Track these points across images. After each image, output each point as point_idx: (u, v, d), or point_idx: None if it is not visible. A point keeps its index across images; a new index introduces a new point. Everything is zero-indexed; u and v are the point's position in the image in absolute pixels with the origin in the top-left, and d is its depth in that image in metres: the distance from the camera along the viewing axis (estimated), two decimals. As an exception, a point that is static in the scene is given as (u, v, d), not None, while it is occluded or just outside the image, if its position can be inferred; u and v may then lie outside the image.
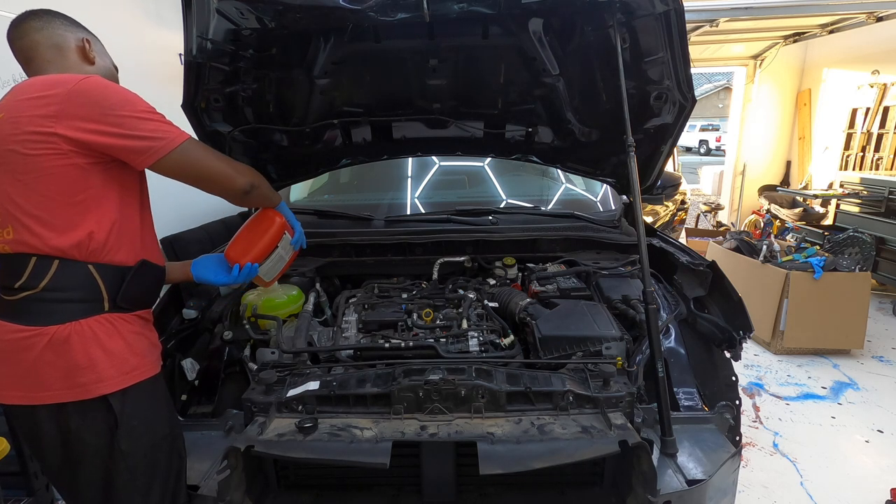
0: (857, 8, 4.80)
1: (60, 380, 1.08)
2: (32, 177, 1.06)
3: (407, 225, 2.31)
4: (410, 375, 1.36)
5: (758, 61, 6.91)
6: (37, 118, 1.05)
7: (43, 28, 1.21)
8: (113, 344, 1.13)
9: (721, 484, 1.31)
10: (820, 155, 6.63)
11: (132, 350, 1.17)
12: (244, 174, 1.32)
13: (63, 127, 1.05)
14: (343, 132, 2.21)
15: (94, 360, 1.10)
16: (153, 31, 4.07)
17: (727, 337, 1.61)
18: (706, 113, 23.87)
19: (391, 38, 1.82)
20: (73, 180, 1.08)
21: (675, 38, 1.64)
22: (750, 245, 3.99)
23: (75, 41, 1.24)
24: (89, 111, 1.07)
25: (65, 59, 1.22)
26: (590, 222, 2.32)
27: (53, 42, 1.21)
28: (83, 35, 1.27)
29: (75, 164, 1.07)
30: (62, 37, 1.22)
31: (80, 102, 1.07)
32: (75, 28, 1.26)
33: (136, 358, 1.17)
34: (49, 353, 1.07)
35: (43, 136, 1.05)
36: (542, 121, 2.16)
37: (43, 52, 1.20)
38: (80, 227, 1.10)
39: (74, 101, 1.06)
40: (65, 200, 1.08)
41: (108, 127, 1.08)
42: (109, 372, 1.12)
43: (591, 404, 1.35)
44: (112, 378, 1.12)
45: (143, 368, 1.19)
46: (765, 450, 2.64)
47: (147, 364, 1.20)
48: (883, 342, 3.88)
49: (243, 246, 1.47)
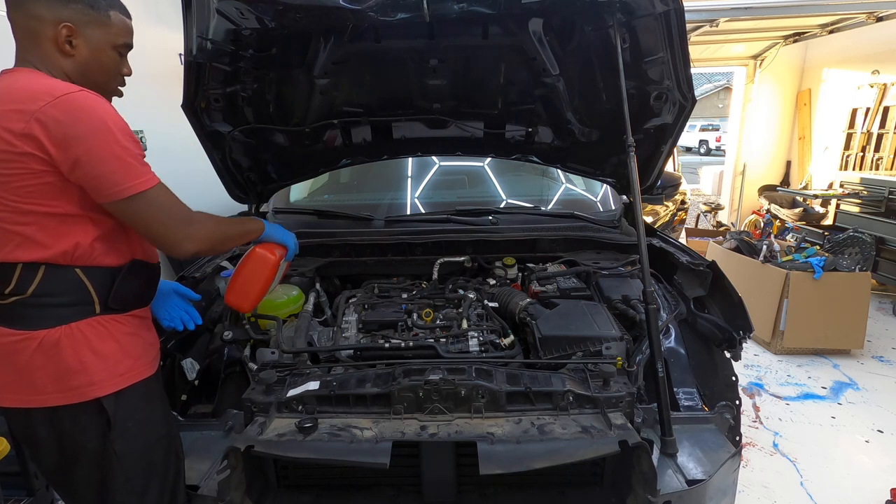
0: (857, 8, 4.80)
1: (52, 383, 1.08)
2: (9, 193, 1.02)
3: (407, 225, 2.31)
4: (410, 375, 1.36)
5: (758, 61, 6.91)
6: (8, 135, 0.99)
7: (20, 4, 1.07)
8: (105, 346, 1.12)
9: (721, 484, 1.31)
10: (820, 155, 6.63)
11: (125, 352, 1.15)
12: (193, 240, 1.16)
13: (32, 146, 0.99)
14: (343, 132, 2.21)
15: (86, 364, 1.09)
16: (153, 31, 4.07)
17: (727, 337, 1.62)
18: (706, 113, 23.87)
19: (391, 38, 1.82)
20: (50, 196, 1.04)
21: (675, 38, 1.64)
22: (750, 245, 3.99)
23: (52, 27, 1.07)
24: (56, 135, 0.99)
25: (39, 49, 1.08)
26: (590, 222, 2.32)
27: (28, 27, 1.08)
28: (65, 17, 1.08)
29: (49, 182, 1.03)
30: (38, 19, 1.07)
31: (49, 124, 0.99)
32: (57, 5, 1.07)
33: (129, 359, 1.16)
34: (40, 357, 1.07)
35: (14, 156, 0.99)
36: (542, 121, 2.16)
37: (20, 36, 1.10)
38: (64, 238, 1.07)
39: (43, 122, 0.99)
40: (45, 213, 1.04)
41: (68, 157, 1.01)
42: (101, 375, 1.10)
43: (591, 404, 1.35)
44: (104, 381, 1.11)
45: (137, 370, 1.17)
46: (765, 450, 2.64)
47: (141, 365, 1.19)
48: (883, 342, 3.88)
49: (243, 290, 1.47)
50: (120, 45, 1.18)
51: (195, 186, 4.30)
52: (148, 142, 3.84)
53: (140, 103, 3.84)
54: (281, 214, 2.46)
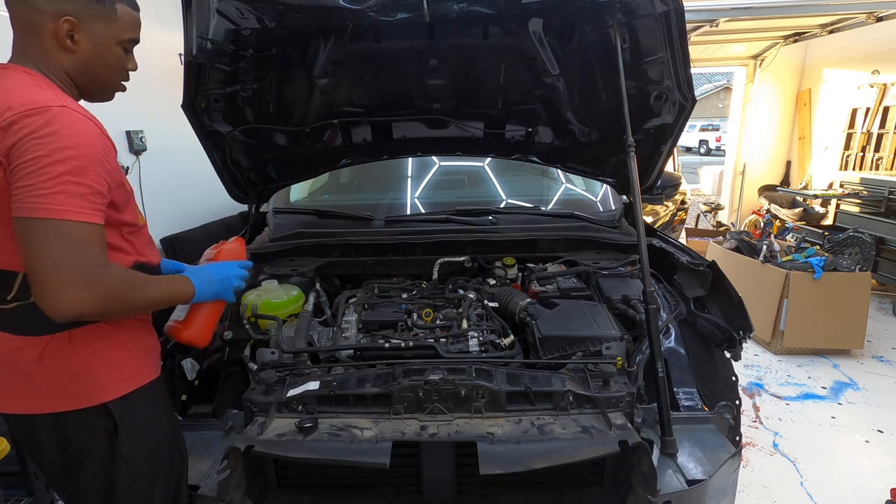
0: (857, 8, 4.80)
1: (58, 388, 1.06)
2: (8, 199, 0.95)
3: (407, 225, 2.31)
4: (410, 375, 1.36)
5: (758, 61, 6.91)
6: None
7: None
8: (110, 351, 1.10)
9: (721, 484, 1.31)
10: (820, 155, 6.63)
11: (130, 355, 1.14)
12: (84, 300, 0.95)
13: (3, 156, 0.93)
14: (343, 132, 2.21)
15: (92, 368, 1.08)
16: (153, 31, 4.07)
17: (727, 337, 1.62)
18: (706, 113, 23.87)
19: (391, 38, 1.83)
20: None
21: (675, 38, 1.64)
22: (750, 245, 3.99)
23: (53, 20, 1.00)
24: (10, 142, 0.92)
25: (38, 44, 1.02)
26: (590, 222, 2.32)
27: (27, 19, 1.01)
28: (68, 10, 1.01)
29: None
30: (39, 11, 1.00)
31: (19, 135, 0.92)
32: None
33: (134, 363, 1.15)
34: (45, 363, 1.05)
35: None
36: (542, 121, 2.16)
37: (18, 28, 1.04)
38: None
39: (14, 133, 0.92)
40: None
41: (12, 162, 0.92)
42: (108, 379, 1.09)
43: (591, 404, 1.35)
44: (111, 385, 1.10)
45: (142, 373, 1.16)
46: (765, 450, 2.64)
47: (146, 368, 1.18)
48: (883, 342, 3.88)
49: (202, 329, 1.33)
50: (125, 41, 1.11)
51: (195, 186, 4.32)
52: (148, 142, 3.84)
53: (140, 103, 3.84)
54: (281, 214, 2.46)
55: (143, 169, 3.84)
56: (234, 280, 1.30)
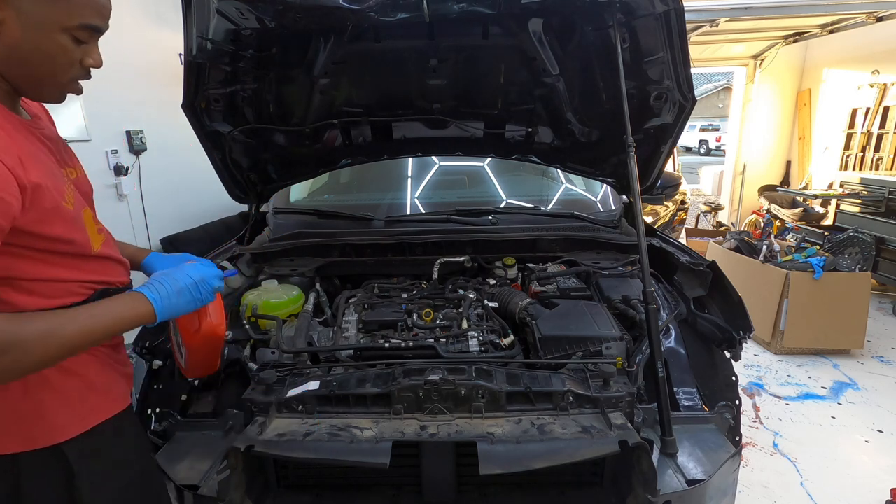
0: (857, 8, 4.80)
1: (8, 429, 0.93)
2: None
3: (407, 225, 2.31)
4: (410, 375, 1.35)
5: (758, 61, 6.91)
6: None
7: None
8: (66, 384, 0.96)
9: (721, 484, 1.31)
10: (820, 155, 6.64)
11: (92, 387, 1.00)
12: None
13: None
14: (343, 132, 2.21)
15: (43, 406, 0.94)
16: (153, 31, 4.07)
17: (727, 337, 1.61)
18: (706, 113, 23.88)
19: (391, 38, 1.82)
20: None
21: (675, 38, 1.64)
22: (750, 245, 3.99)
23: None
24: None
25: None
26: (590, 222, 2.32)
27: None
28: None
29: None
30: None
31: None
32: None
33: (96, 396, 1.01)
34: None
35: None
36: (542, 121, 2.16)
37: None
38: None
39: None
40: None
41: None
42: (62, 418, 0.96)
43: (591, 404, 1.35)
44: (66, 425, 0.97)
45: (106, 406, 1.03)
46: (765, 450, 2.64)
47: (110, 400, 1.05)
48: (883, 342, 3.89)
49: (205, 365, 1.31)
50: (74, 27, 0.87)
51: (195, 186, 4.32)
52: (148, 142, 3.85)
53: (140, 103, 3.86)
54: (281, 214, 2.46)
55: (142, 169, 3.85)
56: (213, 281, 1.11)
